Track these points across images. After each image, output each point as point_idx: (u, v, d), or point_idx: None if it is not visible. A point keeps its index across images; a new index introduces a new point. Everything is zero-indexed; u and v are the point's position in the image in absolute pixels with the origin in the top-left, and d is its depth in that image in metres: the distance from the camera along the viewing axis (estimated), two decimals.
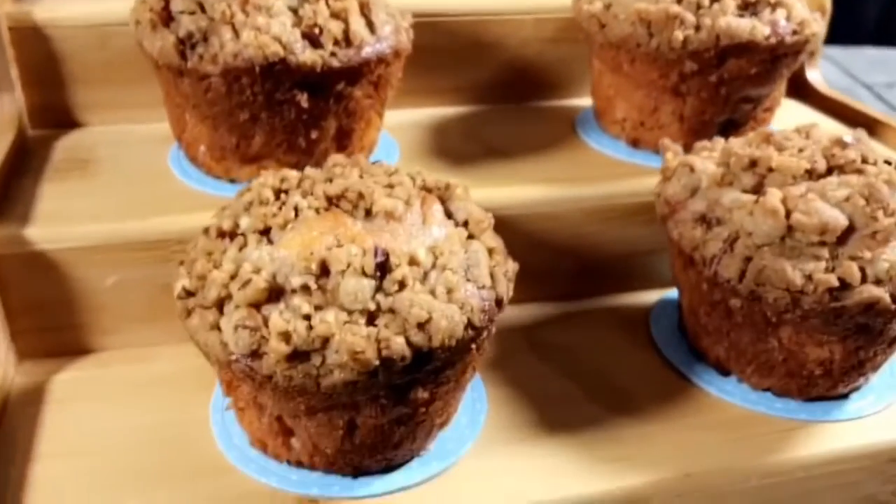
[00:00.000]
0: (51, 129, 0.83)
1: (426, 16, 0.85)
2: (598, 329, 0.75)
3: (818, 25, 0.75)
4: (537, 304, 0.78)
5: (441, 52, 0.88)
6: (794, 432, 0.64)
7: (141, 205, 0.70)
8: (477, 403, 0.65)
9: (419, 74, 0.86)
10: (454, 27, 0.88)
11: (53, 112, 0.83)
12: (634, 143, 0.82)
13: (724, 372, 0.68)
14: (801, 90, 1.00)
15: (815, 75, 1.00)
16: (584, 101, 0.92)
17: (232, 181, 0.72)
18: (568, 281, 0.79)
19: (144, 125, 0.83)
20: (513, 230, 0.73)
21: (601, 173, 0.79)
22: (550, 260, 0.77)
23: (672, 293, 0.77)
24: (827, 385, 0.64)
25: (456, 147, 0.84)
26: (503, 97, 0.94)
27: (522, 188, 0.76)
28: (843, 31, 1.84)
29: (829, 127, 0.93)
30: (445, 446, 0.60)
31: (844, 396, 0.66)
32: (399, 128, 0.86)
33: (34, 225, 0.66)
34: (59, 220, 0.67)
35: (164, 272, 0.67)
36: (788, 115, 0.93)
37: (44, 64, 0.81)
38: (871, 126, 0.90)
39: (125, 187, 0.72)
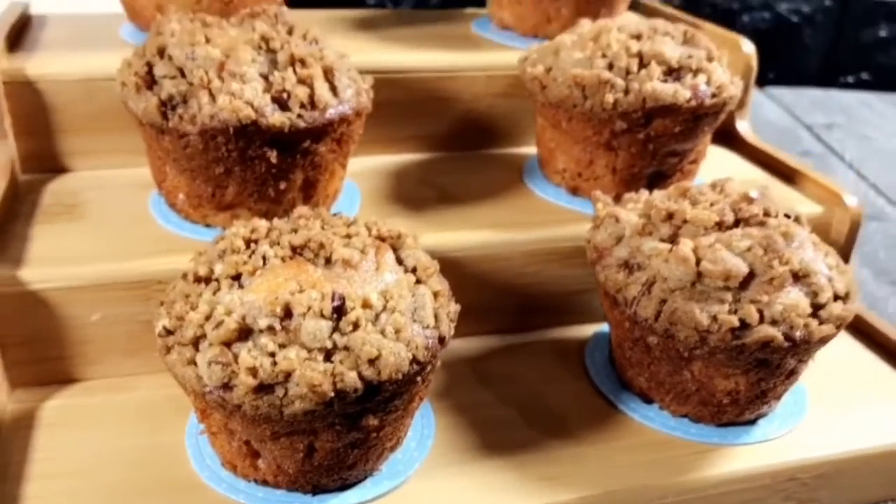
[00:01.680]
0: (40, 174, 0.89)
1: (387, 72, 0.94)
2: (538, 360, 0.83)
3: (736, 89, 0.84)
4: (483, 337, 0.86)
5: (400, 105, 0.96)
6: (707, 454, 0.72)
7: (124, 247, 0.76)
8: (425, 429, 0.72)
9: (380, 125, 0.93)
10: (412, 83, 0.96)
11: (42, 158, 0.89)
12: (574, 192, 0.90)
13: (647, 400, 0.76)
14: (731, 140, 1.09)
15: (744, 126, 1.09)
16: (531, 150, 1.00)
17: (207, 226, 0.79)
18: (511, 316, 0.87)
19: (126, 170, 0.90)
20: (462, 270, 0.81)
21: (543, 219, 0.86)
22: (496, 297, 0.85)
23: (606, 328, 0.85)
24: (735, 412, 0.72)
25: (413, 192, 0.91)
26: (457, 146, 1.02)
27: (472, 232, 0.83)
28: (790, 72, 1.95)
29: (754, 174, 1.02)
30: (396, 467, 0.68)
31: (752, 422, 0.75)
32: (361, 174, 0.93)
33: (27, 266, 0.72)
34: (49, 261, 0.74)
35: (145, 309, 0.74)
36: (717, 163, 1.02)
37: (34, 114, 0.87)
38: (790, 175, 0.99)
39: (109, 230, 0.79)
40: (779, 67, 1.94)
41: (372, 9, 1.18)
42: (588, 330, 0.87)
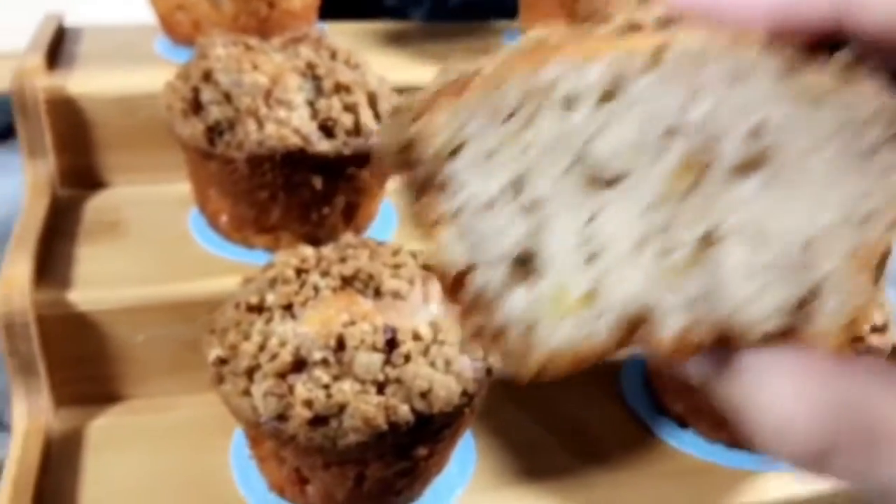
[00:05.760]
0: (79, 189, 0.90)
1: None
2: (574, 384, 0.84)
3: None
4: None
5: None
6: (742, 480, 0.73)
7: (166, 269, 0.77)
8: (466, 453, 0.73)
9: None
10: None
11: (81, 173, 0.90)
12: None
13: (683, 425, 0.77)
14: None
15: None
16: None
17: (249, 247, 0.80)
18: None
19: (165, 186, 0.90)
20: None
21: None
22: None
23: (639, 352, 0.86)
24: None
25: None
26: None
27: None
28: None
29: None
30: (439, 492, 0.69)
31: None
32: (395, 191, 0.94)
33: (73, 289, 0.73)
34: (94, 283, 0.75)
35: (188, 330, 0.75)
36: None
37: (73, 130, 0.88)
38: None
39: (151, 251, 0.80)
40: None
41: (400, 21, 1.18)
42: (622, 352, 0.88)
